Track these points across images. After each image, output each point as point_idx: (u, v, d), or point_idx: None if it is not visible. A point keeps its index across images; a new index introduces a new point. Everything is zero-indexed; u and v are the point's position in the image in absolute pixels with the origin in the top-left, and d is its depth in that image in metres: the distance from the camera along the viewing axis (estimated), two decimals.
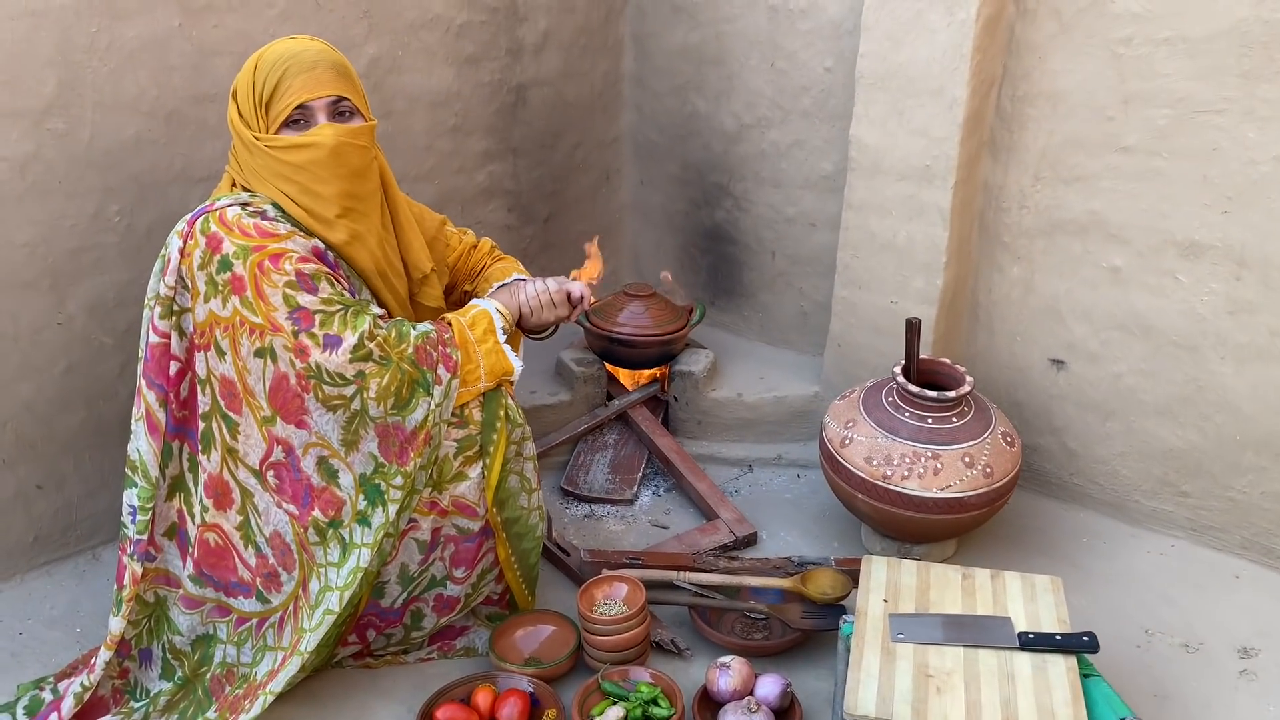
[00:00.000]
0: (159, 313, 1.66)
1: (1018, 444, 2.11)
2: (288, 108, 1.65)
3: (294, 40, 1.72)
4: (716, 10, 2.62)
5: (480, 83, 2.57)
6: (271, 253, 1.61)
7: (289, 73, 1.65)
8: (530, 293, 1.91)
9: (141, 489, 1.71)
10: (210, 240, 1.61)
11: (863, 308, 2.40)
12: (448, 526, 1.79)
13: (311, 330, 1.60)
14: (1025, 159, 2.20)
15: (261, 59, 1.68)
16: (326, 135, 1.66)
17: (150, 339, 1.67)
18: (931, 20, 2.10)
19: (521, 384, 2.54)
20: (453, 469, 1.75)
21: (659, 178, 2.96)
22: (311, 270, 1.63)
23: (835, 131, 2.49)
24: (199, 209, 1.66)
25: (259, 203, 1.67)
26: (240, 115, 1.69)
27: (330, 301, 1.63)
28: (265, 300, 1.59)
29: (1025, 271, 2.28)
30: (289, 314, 1.60)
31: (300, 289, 1.61)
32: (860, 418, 2.13)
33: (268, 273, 1.60)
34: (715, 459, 2.57)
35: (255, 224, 1.62)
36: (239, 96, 1.70)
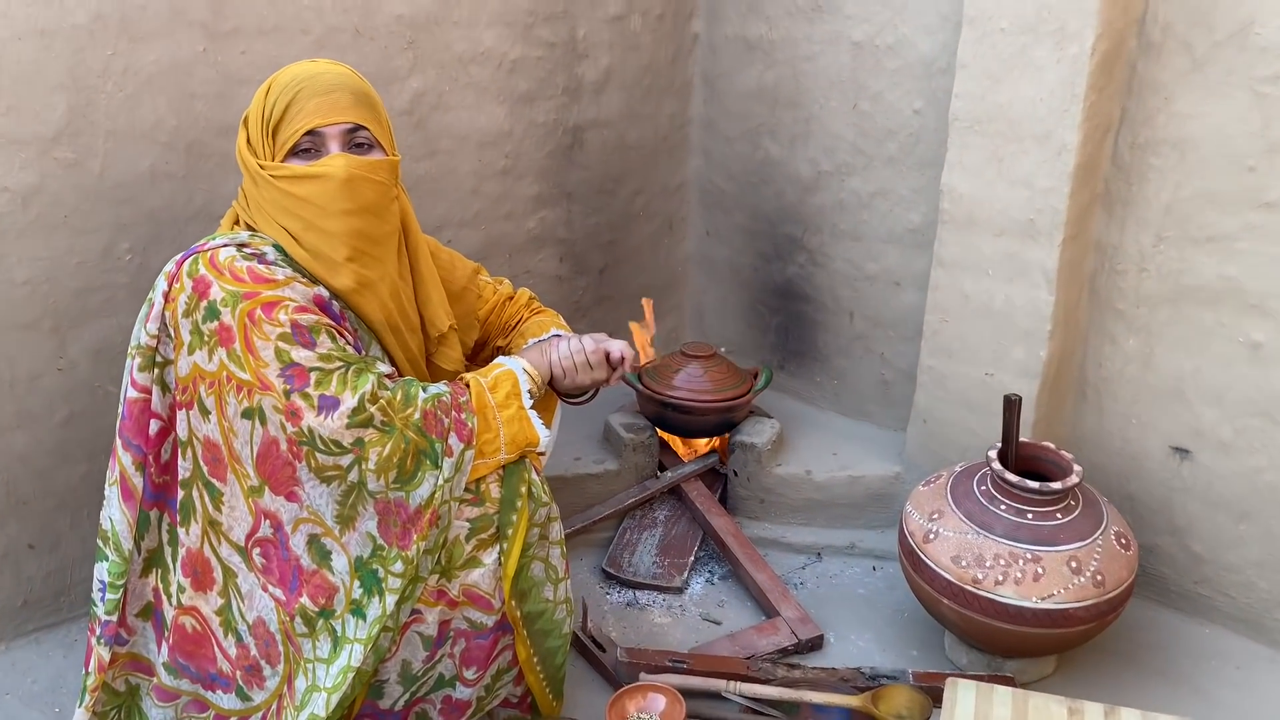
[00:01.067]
0: (139, 364, 1.47)
1: (1133, 547, 1.80)
2: (296, 133, 1.47)
3: (314, 63, 1.55)
4: (794, 48, 2.40)
5: (534, 122, 2.38)
6: (265, 301, 1.41)
7: (302, 94, 1.48)
8: (564, 351, 1.68)
9: (113, 563, 1.52)
10: (197, 284, 1.42)
11: (953, 379, 2.12)
12: (458, 619, 1.54)
13: (306, 390, 1.39)
14: (1146, 215, 1.92)
15: (275, 80, 1.52)
16: (337, 166, 1.47)
17: (128, 394, 1.48)
18: (1038, 55, 1.84)
19: (565, 449, 2.33)
20: (465, 553, 1.51)
21: (726, 228, 2.72)
22: (309, 322, 1.42)
23: (924, 180, 2.23)
24: (190, 249, 1.48)
25: (258, 244, 1.48)
26: (249, 142, 1.52)
27: (329, 358, 1.42)
28: (255, 354, 1.39)
29: (1144, 344, 1.98)
30: (281, 371, 1.39)
31: (295, 343, 1.40)
32: (948, 508, 1.84)
33: (259, 323, 1.39)
34: (779, 544, 2.29)
35: (249, 268, 1.43)
36: (249, 122, 1.53)
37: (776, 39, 2.44)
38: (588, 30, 2.41)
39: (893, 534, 2.22)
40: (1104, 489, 2.08)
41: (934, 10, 2.12)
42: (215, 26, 1.85)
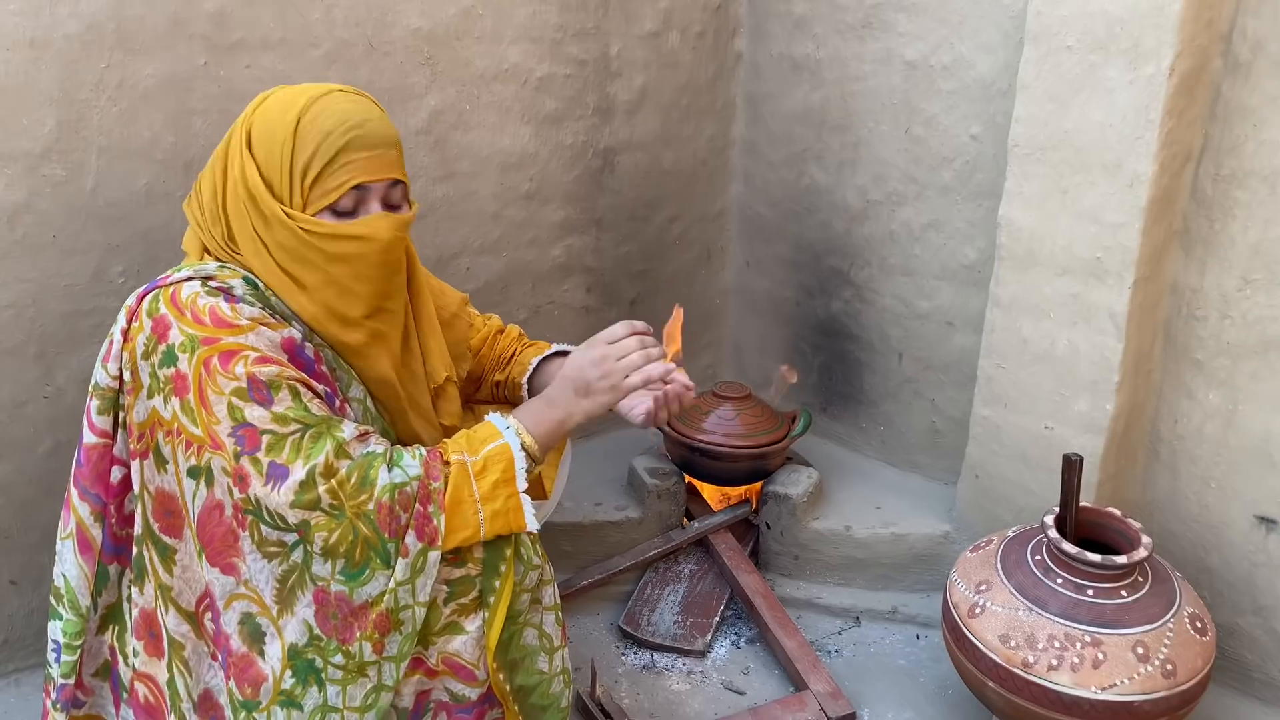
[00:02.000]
0: (97, 406, 1.34)
1: (1211, 632, 1.58)
2: (342, 188, 1.32)
3: (344, 98, 1.36)
4: (843, 67, 2.24)
5: (561, 144, 2.24)
6: (224, 349, 1.26)
7: (351, 146, 1.32)
8: (590, 365, 1.43)
9: (68, 622, 1.38)
10: (157, 325, 1.28)
11: (1009, 431, 1.92)
12: (438, 690, 1.38)
13: (256, 455, 1.24)
14: (1230, 255, 1.71)
15: (308, 117, 1.33)
16: (382, 228, 1.34)
17: (86, 439, 1.35)
18: (1109, 76, 1.66)
19: (585, 494, 2.19)
20: (442, 618, 1.36)
21: (768, 259, 2.56)
22: (269, 376, 1.27)
23: (981, 212, 2.04)
24: (153, 281, 1.34)
25: (225, 276, 1.34)
26: (262, 176, 1.34)
27: (284, 419, 1.26)
28: (208, 409, 1.25)
29: (1226, 400, 1.76)
30: (233, 430, 1.25)
31: (250, 399, 1.26)
32: (997, 579, 1.64)
33: (214, 375, 1.25)
34: (813, 606, 2.10)
35: (212, 308, 1.28)
36: (262, 151, 1.34)
37: (824, 58, 2.27)
38: (621, 47, 2.27)
39: (939, 599, 2.02)
40: (1177, 562, 1.86)
41: (994, 27, 1.94)
42: (218, 39, 1.75)
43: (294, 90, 1.37)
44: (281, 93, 1.37)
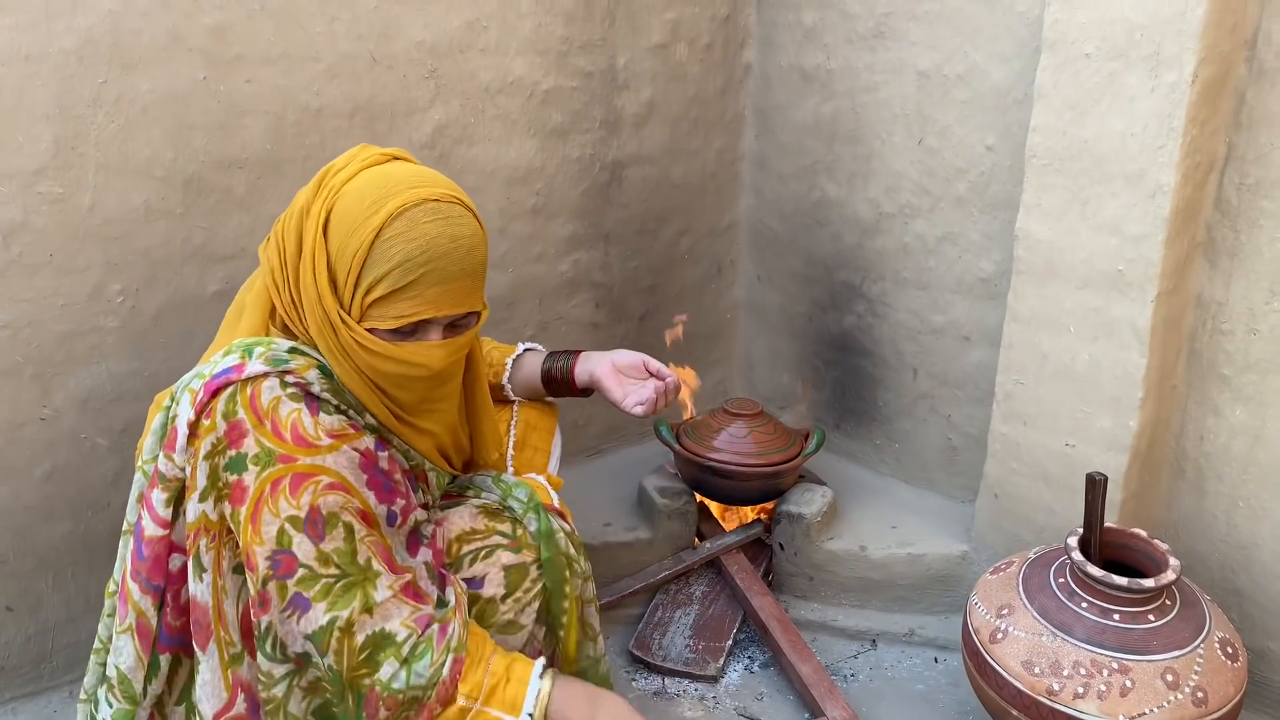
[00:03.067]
0: (165, 498, 1.27)
1: (1242, 657, 1.53)
2: (402, 320, 1.27)
3: (436, 213, 1.26)
4: (854, 78, 2.19)
5: (568, 158, 2.20)
6: (298, 471, 1.22)
7: (426, 280, 1.25)
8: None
9: (119, 710, 1.31)
10: (231, 430, 1.22)
11: (1029, 449, 1.87)
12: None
13: (285, 581, 1.21)
14: (1257, 267, 1.66)
15: (390, 232, 1.24)
16: (436, 359, 1.31)
17: (148, 530, 1.28)
18: (1129, 84, 1.61)
19: (594, 514, 2.15)
20: (499, 613, 1.44)
21: (779, 273, 2.51)
22: (331, 508, 1.23)
23: (997, 224, 2.00)
24: (224, 369, 1.25)
25: (301, 368, 1.27)
26: (330, 269, 1.27)
27: (326, 559, 1.23)
28: (256, 528, 1.21)
29: (1253, 416, 1.71)
30: (271, 554, 1.22)
31: (303, 530, 1.22)
32: (1019, 603, 1.59)
33: (279, 497, 1.21)
34: (828, 628, 2.05)
35: (295, 422, 1.23)
36: (335, 244, 1.27)
37: (835, 69, 2.23)
38: (629, 59, 2.23)
39: (958, 621, 1.97)
40: (1206, 584, 1.80)
41: (1009, 35, 1.90)
42: (217, 53, 1.71)
43: (386, 179, 1.28)
44: (372, 176, 1.29)
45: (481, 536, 1.46)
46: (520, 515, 1.50)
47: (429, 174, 1.32)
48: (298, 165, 1.83)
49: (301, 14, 1.78)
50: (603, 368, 1.74)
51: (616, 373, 1.74)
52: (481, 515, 1.49)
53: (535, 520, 1.49)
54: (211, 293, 1.81)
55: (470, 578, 1.43)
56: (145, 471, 1.29)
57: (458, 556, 1.45)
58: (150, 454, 1.29)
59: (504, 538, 1.47)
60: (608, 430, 2.52)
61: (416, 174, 1.31)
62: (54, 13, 1.56)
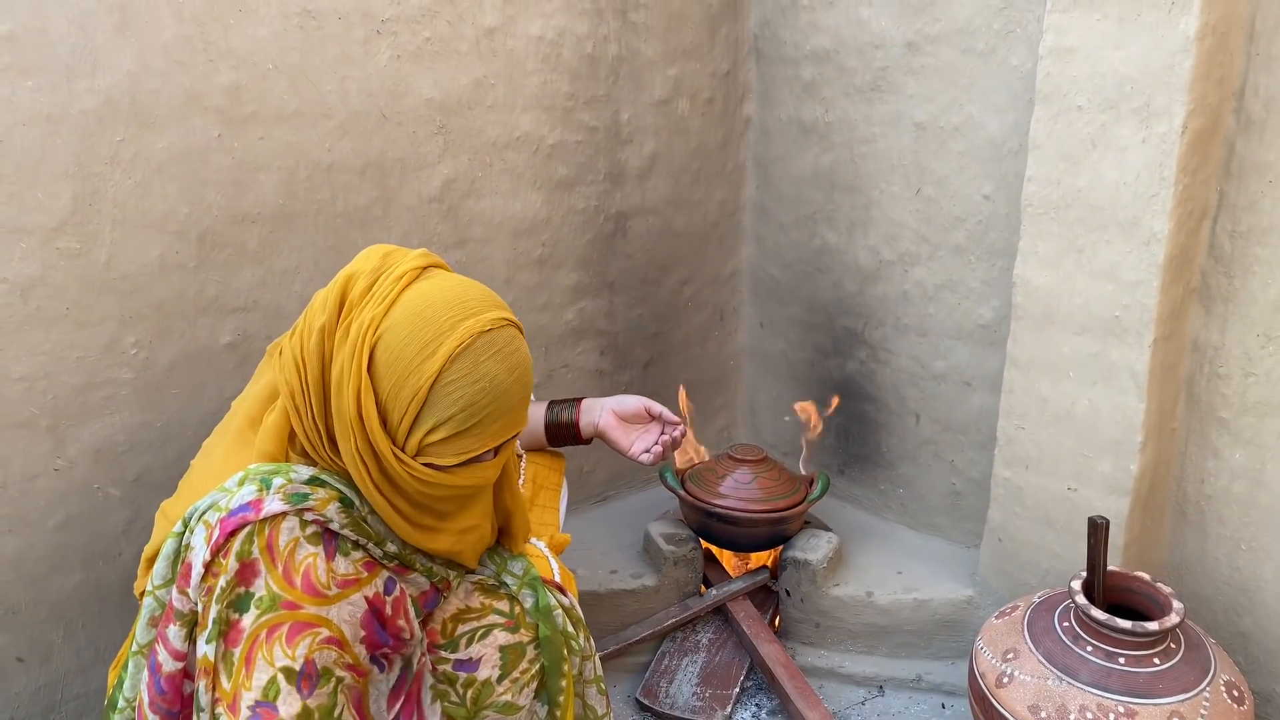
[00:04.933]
0: (183, 634, 1.23)
1: (1248, 700, 1.53)
2: (463, 456, 1.25)
3: (493, 348, 1.24)
4: (852, 130, 2.24)
5: (573, 209, 2.25)
6: (299, 620, 1.18)
7: (490, 419, 1.24)
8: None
9: None
10: (244, 570, 1.18)
11: (1031, 493, 1.88)
12: None
13: None
14: (1251, 312, 1.69)
15: (451, 376, 1.21)
16: (487, 478, 1.31)
17: (166, 666, 1.24)
18: (1121, 135, 1.65)
19: (600, 561, 2.16)
20: (495, 695, 1.38)
21: (781, 320, 2.54)
22: (325, 663, 1.20)
23: (996, 271, 2.03)
24: (241, 505, 1.20)
25: (321, 504, 1.23)
26: (379, 406, 1.23)
27: (307, 715, 1.18)
28: (249, 672, 1.17)
29: (1253, 459, 1.73)
30: (255, 704, 1.17)
31: (296, 681, 1.17)
32: (1024, 647, 1.60)
33: (275, 644, 1.17)
34: (835, 675, 2.05)
35: (309, 568, 1.19)
36: (385, 385, 1.22)
37: (833, 121, 2.28)
38: (632, 114, 2.28)
39: (964, 666, 1.97)
40: (1210, 626, 1.80)
41: (1003, 87, 1.95)
42: (232, 112, 1.76)
43: (432, 310, 1.23)
44: (416, 306, 1.24)
45: (477, 615, 1.43)
46: (515, 591, 1.46)
47: (471, 291, 1.28)
48: (309, 219, 1.87)
49: (314, 72, 1.83)
50: (606, 419, 1.75)
51: (621, 422, 1.76)
52: (477, 592, 1.45)
53: (531, 596, 1.45)
54: (223, 344, 1.84)
55: (466, 659, 1.40)
56: (159, 599, 1.26)
57: (453, 636, 1.42)
58: (162, 580, 1.25)
59: (501, 616, 1.43)
60: (613, 477, 2.54)
61: (460, 297, 1.26)
62: (75, 74, 1.60)
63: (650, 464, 1.74)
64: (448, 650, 1.40)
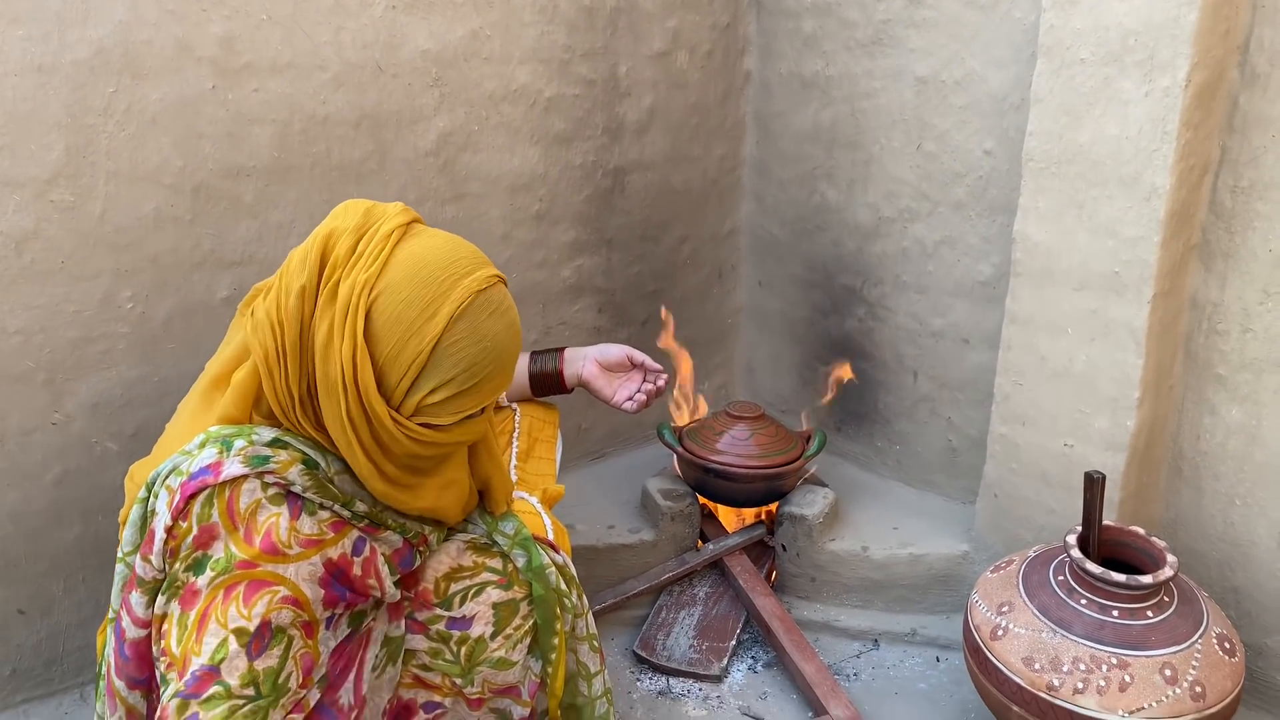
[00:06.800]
0: (144, 601, 1.21)
1: (1239, 653, 1.54)
2: (462, 413, 1.25)
3: (492, 307, 1.24)
4: (853, 85, 2.22)
5: (571, 165, 2.23)
6: (257, 577, 1.16)
7: (489, 376, 1.24)
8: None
9: None
10: (203, 533, 1.16)
11: (1027, 450, 1.89)
12: (484, 714, 1.42)
13: (189, 700, 1.13)
14: (1251, 268, 1.68)
15: (452, 339, 1.20)
16: (479, 430, 1.32)
17: (130, 633, 1.23)
18: (1124, 89, 1.63)
19: (598, 516, 2.16)
20: (487, 651, 1.39)
21: (780, 278, 2.54)
22: (281, 623, 1.17)
23: (995, 228, 2.02)
24: (201, 468, 1.17)
25: (282, 466, 1.20)
26: (375, 370, 1.21)
27: (249, 678, 1.14)
28: (199, 637, 1.14)
29: (1249, 415, 1.73)
30: (199, 667, 1.13)
31: (244, 646, 1.14)
32: (1019, 601, 1.61)
33: (230, 604, 1.14)
34: (831, 628, 2.06)
35: (270, 529, 1.17)
36: (382, 349, 1.20)
37: (834, 75, 2.26)
38: (630, 67, 2.26)
39: (959, 620, 1.99)
40: (1204, 580, 1.82)
41: (1006, 41, 1.93)
42: (225, 63, 1.74)
43: (428, 270, 1.21)
44: (410, 267, 1.21)
45: (470, 573, 1.43)
46: (506, 550, 1.46)
47: (460, 249, 1.26)
48: (304, 173, 1.86)
49: (308, 23, 1.80)
50: (589, 369, 1.75)
51: (604, 371, 1.76)
52: (470, 551, 1.45)
53: (524, 556, 1.45)
54: (220, 299, 1.83)
55: (459, 617, 1.40)
56: (127, 564, 1.24)
57: (447, 595, 1.41)
58: (131, 546, 1.24)
59: (494, 573, 1.43)
60: (610, 434, 2.55)
61: (452, 256, 1.24)
62: (66, 23, 1.58)
63: (633, 412, 1.75)
64: (442, 608, 1.41)
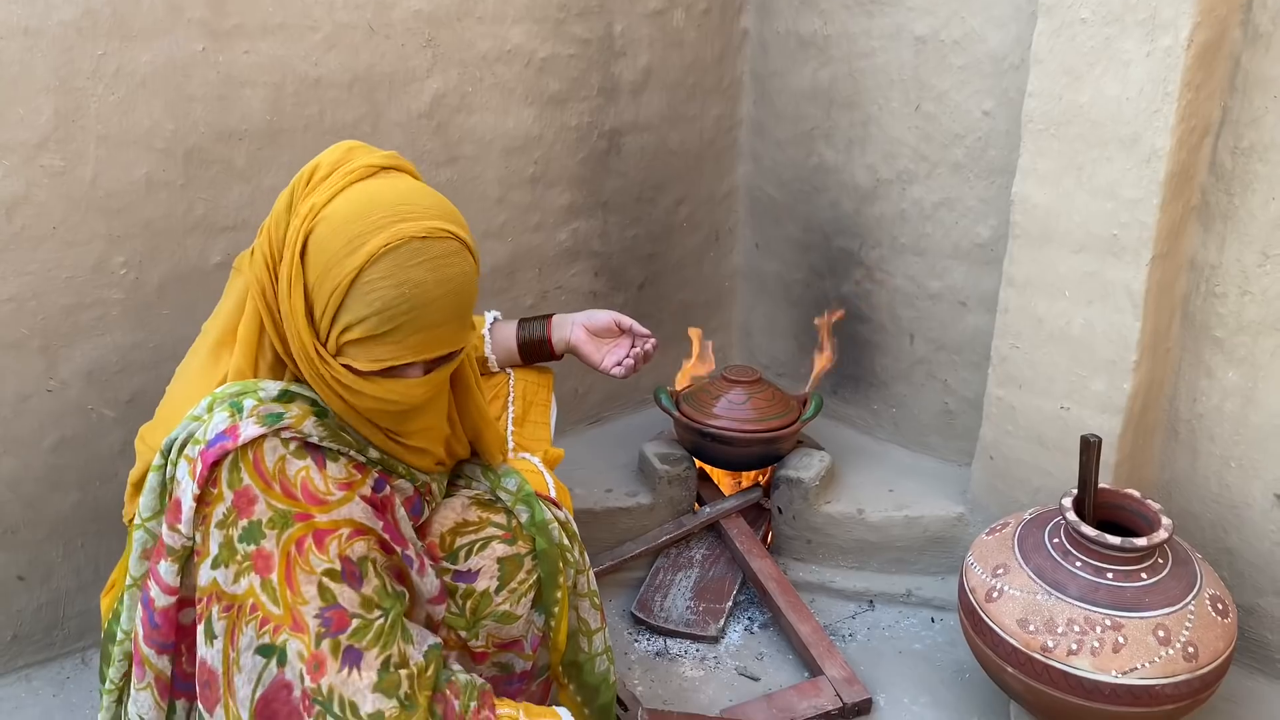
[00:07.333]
0: (174, 569, 1.20)
1: (1232, 613, 1.56)
2: (379, 364, 1.19)
3: (424, 254, 1.17)
4: (851, 44, 2.20)
5: (566, 126, 2.21)
6: (318, 527, 1.18)
7: (408, 326, 1.17)
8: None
9: None
10: (239, 499, 1.16)
11: (1024, 412, 1.89)
12: (486, 668, 1.43)
13: (338, 638, 1.17)
14: (1250, 230, 1.68)
15: (371, 275, 1.15)
16: (416, 396, 1.24)
17: (159, 601, 1.22)
18: (1125, 49, 1.62)
19: (596, 480, 2.17)
20: (492, 605, 1.41)
21: (777, 240, 2.52)
22: (360, 554, 1.20)
23: (994, 189, 2.01)
24: (217, 434, 1.17)
25: (296, 420, 1.20)
26: (307, 299, 1.20)
27: (370, 603, 1.20)
28: (295, 589, 1.16)
29: (1245, 377, 1.73)
30: (321, 611, 1.17)
31: (342, 580, 1.18)
32: (1014, 563, 1.62)
33: (307, 555, 1.17)
34: (827, 590, 2.08)
35: (305, 480, 1.18)
36: (312, 275, 1.19)
37: (832, 34, 2.23)
38: (625, 26, 2.23)
39: (954, 581, 2.01)
40: (1198, 542, 1.83)
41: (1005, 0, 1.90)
42: (216, 24, 1.71)
43: (370, 206, 1.18)
44: (356, 199, 1.19)
45: (475, 528, 1.44)
46: (510, 506, 1.47)
47: (420, 197, 1.22)
48: (297, 136, 1.84)
49: None
50: (577, 334, 1.74)
51: (591, 337, 1.75)
52: (474, 506, 1.46)
53: (526, 511, 1.46)
54: (214, 264, 1.82)
55: (465, 570, 1.42)
56: (150, 532, 1.24)
57: (453, 549, 1.43)
58: (150, 513, 1.23)
59: (498, 529, 1.45)
60: (607, 398, 2.55)
61: (406, 199, 1.20)
62: None
63: (622, 377, 1.74)
64: (448, 561, 1.42)
